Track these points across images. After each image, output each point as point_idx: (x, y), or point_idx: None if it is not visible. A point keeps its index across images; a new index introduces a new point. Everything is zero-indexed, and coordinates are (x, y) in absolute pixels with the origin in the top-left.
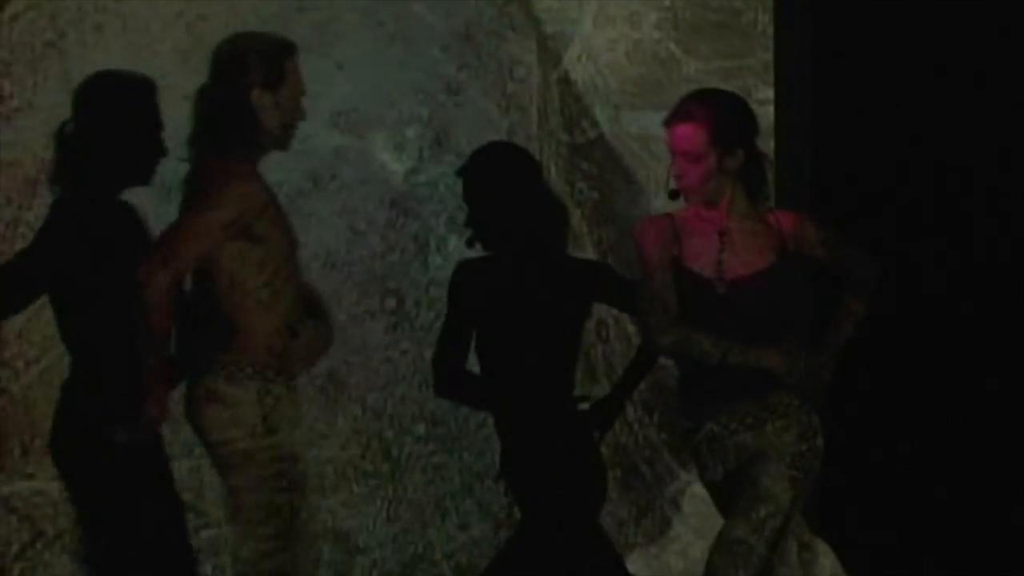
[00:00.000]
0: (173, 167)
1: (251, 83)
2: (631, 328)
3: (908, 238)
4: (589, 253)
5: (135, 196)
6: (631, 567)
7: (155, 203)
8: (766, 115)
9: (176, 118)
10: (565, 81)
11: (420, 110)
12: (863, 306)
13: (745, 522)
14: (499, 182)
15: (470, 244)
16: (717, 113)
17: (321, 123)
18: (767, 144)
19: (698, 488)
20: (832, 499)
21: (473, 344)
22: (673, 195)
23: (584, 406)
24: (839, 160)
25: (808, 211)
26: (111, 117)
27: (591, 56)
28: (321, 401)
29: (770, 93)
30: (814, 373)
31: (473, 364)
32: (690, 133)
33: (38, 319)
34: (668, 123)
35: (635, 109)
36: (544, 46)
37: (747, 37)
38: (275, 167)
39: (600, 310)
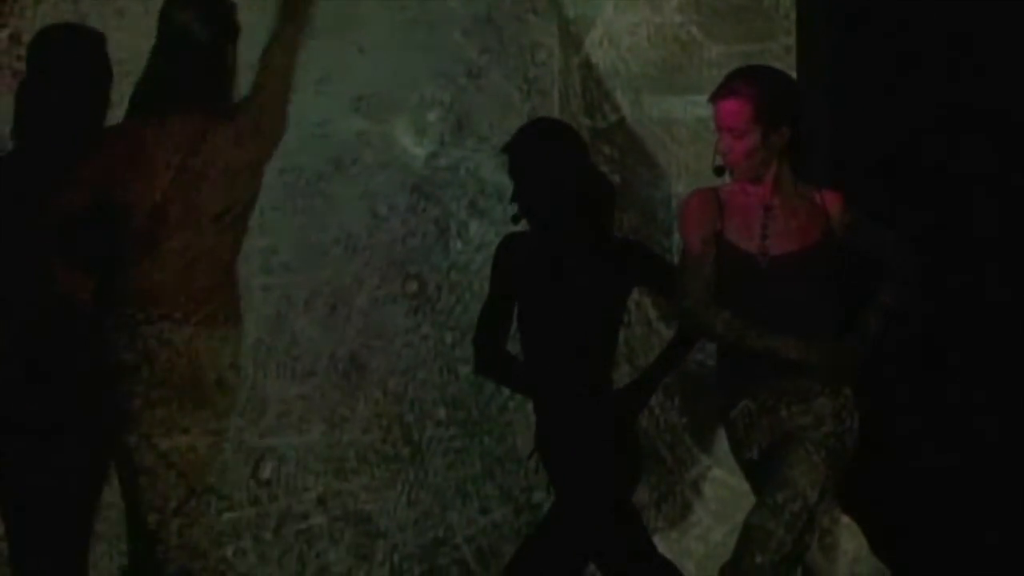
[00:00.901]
0: None
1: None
2: (653, 312)
3: (928, 219)
4: None
5: None
6: None
7: None
8: None
9: None
10: (586, 65)
11: (441, 94)
12: (898, 299)
13: (763, 507)
14: (545, 158)
15: (515, 220)
16: (762, 89)
17: (342, 107)
18: None
19: (719, 472)
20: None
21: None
22: (718, 171)
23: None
24: (859, 143)
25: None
26: (61, 70)
27: (612, 40)
28: (342, 385)
29: (792, 76)
30: (839, 362)
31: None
32: (735, 108)
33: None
34: (713, 99)
35: (656, 93)
36: (566, 30)
37: (769, 20)
38: (297, 151)
39: None
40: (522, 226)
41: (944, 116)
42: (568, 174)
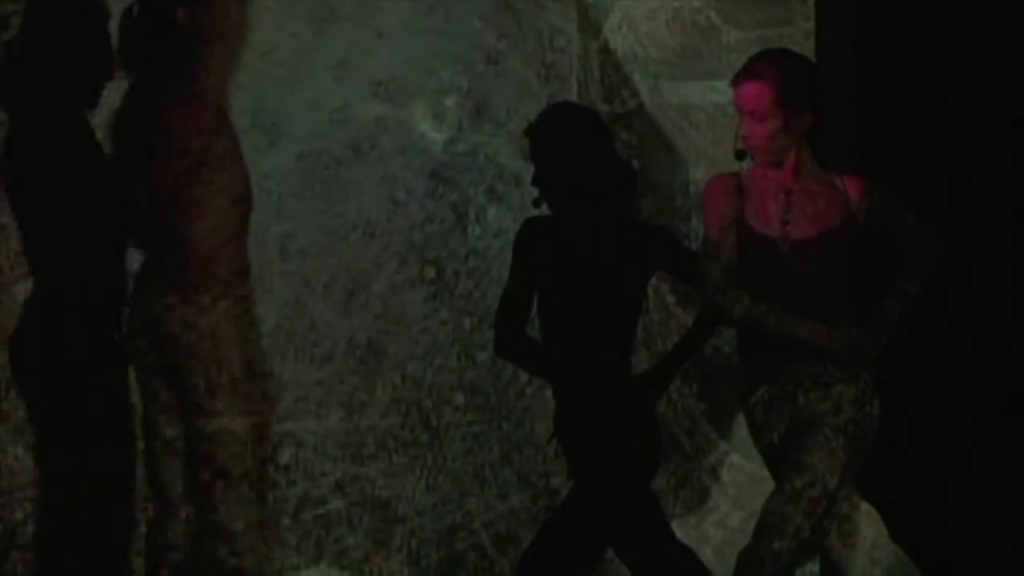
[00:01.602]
0: None
1: None
2: (670, 298)
3: (947, 204)
4: None
5: None
6: None
7: None
8: None
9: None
10: (605, 51)
11: (460, 79)
12: (918, 285)
13: (781, 493)
14: (566, 142)
15: (536, 204)
16: (785, 73)
17: (361, 92)
18: None
19: (737, 458)
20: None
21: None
22: (739, 155)
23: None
24: (879, 129)
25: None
26: (61, 36)
27: (631, 25)
28: (361, 371)
29: (813, 61)
30: (859, 348)
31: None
32: (757, 92)
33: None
34: (735, 82)
35: (675, 79)
36: (584, 15)
37: (788, 6)
38: (315, 136)
39: None
40: (543, 210)
41: (965, 102)
42: (589, 158)
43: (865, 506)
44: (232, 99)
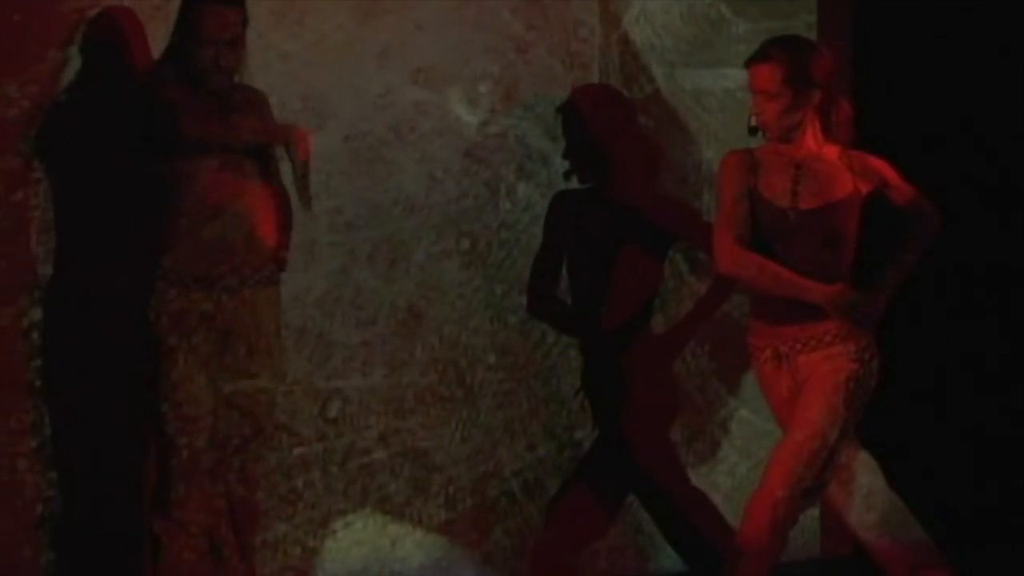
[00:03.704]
0: None
1: None
2: (684, 266)
3: (945, 198)
4: None
5: None
6: None
7: None
8: None
9: (271, 73)
10: (624, 41)
11: (492, 67)
12: (919, 252)
13: (785, 445)
14: (593, 120)
15: (567, 177)
16: (793, 55)
17: (402, 79)
18: None
19: (745, 413)
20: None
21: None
22: (752, 131)
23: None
24: (877, 119)
25: None
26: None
27: (648, 18)
28: (402, 332)
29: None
30: (863, 310)
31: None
32: (767, 72)
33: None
34: (749, 64)
35: (688, 66)
36: (605, 9)
37: (792, 0)
38: (360, 119)
39: None
40: (572, 183)
41: (967, 90)
42: (614, 135)
43: (863, 455)
44: (285, 86)
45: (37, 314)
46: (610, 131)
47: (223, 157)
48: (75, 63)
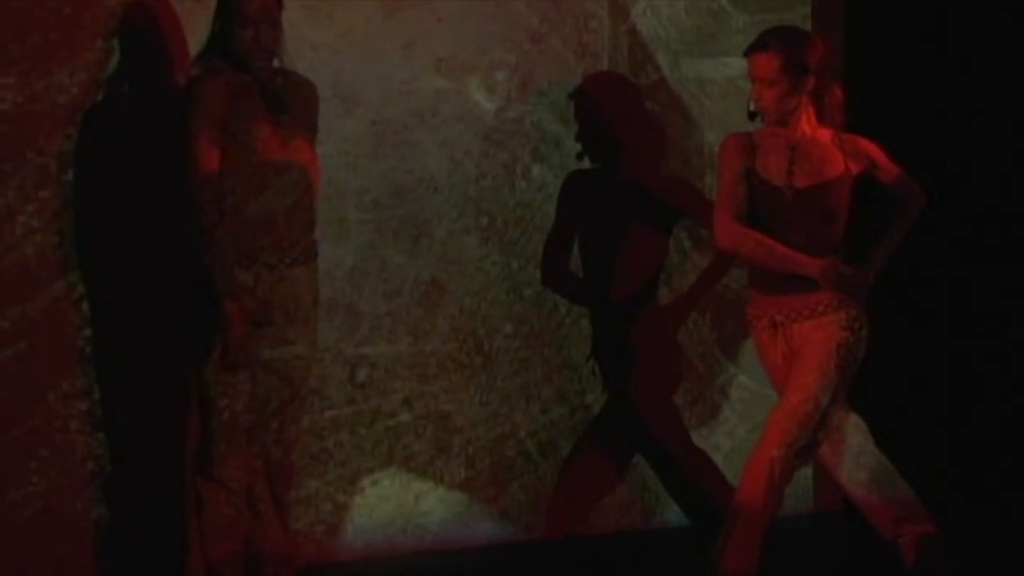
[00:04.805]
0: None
1: None
2: (687, 242)
3: (939, 190)
4: None
5: None
6: None
7: None
8: None
9: (302, 62)
10: (632, 32)
11: (508, 57)
12: (904, 229)
13: (780, 408)
14: (604, 105)
15: (579, 157)
16: (789, 44)
17: (425, 68)
18: None
19: (743, 379)
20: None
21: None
22: (751, 116)
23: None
24: (870, 108)
25: None
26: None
27: (654, 11)
28: (425, 303)
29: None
30: (854, 283)
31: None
32: (765, 61)
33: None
34: (748, 52)
35: (692, 56)
36: (614, 2)
37: None
38: (386, 105)
39: None
40: (585, 164)
41: (959, 84)
42: (622, 120)
43: (853, 418)
44: (315, 74)
45: (86, 286)
46: (619, 116)
47: (270, 131)
48: (117, 53)
